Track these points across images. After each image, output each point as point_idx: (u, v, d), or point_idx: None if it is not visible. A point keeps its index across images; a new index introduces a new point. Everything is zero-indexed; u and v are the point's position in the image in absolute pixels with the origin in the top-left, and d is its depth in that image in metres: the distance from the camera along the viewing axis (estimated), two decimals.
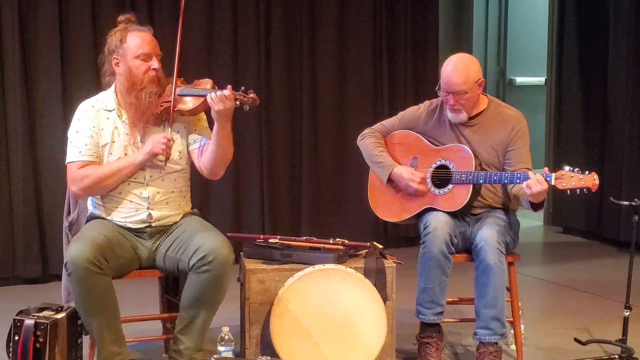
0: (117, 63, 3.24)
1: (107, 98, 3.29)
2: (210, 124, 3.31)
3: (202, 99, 3.21)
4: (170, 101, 3.21)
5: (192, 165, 3.38)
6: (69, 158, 3.24)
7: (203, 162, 3.29)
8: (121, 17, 3.30)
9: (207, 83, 3.28)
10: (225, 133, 3.21)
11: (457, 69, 3.44)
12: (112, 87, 3.30)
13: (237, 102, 3.18)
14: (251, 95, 3.21)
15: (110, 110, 3.26)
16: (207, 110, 3.23)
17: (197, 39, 5.27)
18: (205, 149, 3.29)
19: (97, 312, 3.07)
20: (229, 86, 3.18)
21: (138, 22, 3.30)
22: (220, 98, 3.13)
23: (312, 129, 5.75)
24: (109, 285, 3.08)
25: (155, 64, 3.23)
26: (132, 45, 3.21)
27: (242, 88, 3.22)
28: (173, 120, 3.24)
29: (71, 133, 3.26)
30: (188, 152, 3.33)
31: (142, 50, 3.21)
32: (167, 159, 3.19)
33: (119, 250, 3.17)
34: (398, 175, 3.57)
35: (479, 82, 3.47)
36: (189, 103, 3.24)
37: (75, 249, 3.03)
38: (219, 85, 3.26)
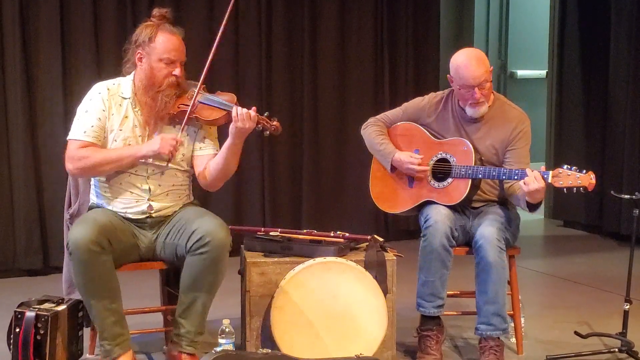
0: (141, 58, 3.22)
1: (124, 84, 3.28)
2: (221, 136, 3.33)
3: (224, 112, 3.21)
4: (189, 105, 3.21)
5: None
6: (71, 134, 3.21)
7: (205, 173, 3.30)
8: (156, 12, 3.26)
9: (232, 99, 3.27)
10: (236, 150, 3.23)
11: (477, 60, 3.44)
12: (132, 75, 3.29)
13: (259, 126, 3.21)
14: (275, 123, 3.24)
15: (125, 98, 3.25)
16: (226, 124, 3.23)
17: (198, 36, 5.25)
18: (208, 160, 3.31)
19: (99, 292, 3.08)
20: (254, 107, 3.19)
21: (171, 20, 3.26)
22: (244, 116, 3.14)
23: (313, 123, 5.74)
24: (110, 265, 3.09)
25: (177, 70, 3.22)
26: (160, 47, 3.19)
27: (266, 113, 3.25)
28: (187, 124, 3.23)
29: (80, 110, 3.24)
30: (192, 155, 3.34)
31: (168, 55, 3.19)
32: (169, 160, 3.19)
33: (121, 234, 3.18)
34: (399, 161, 3.56)
35: (492, 69, 3.50)
36: (211, 114, 3.23)
37: (78, 230, 3.04)
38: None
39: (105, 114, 3.21)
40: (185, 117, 3.21)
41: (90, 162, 3.17)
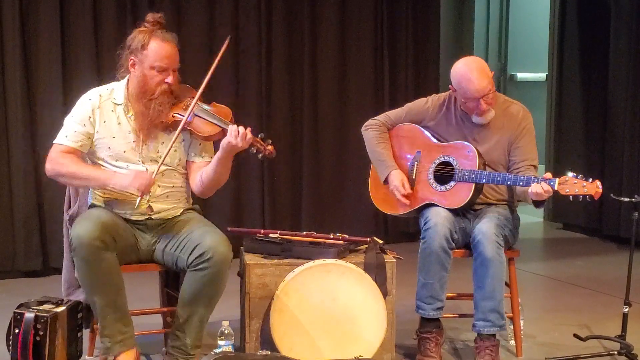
0: (133, 64, 3.20)
1: (117, 90, 3.26)
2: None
3: (219, 129, 3.19)
4: (184, 115, 3.19)
5: None
6: (57, 138, 3.22)
7: (197, 181, 3.29)
8: (150, 17, 3.23)
9: (227, 114, 3.25)
10: (226, 163, 3.21)
11: (479, 72, 3.42)
12: (125, 80, 3.27)
13: (253, 149, 3.19)
14: (269, 147, 3.22)
15: (118, 104, 3.24)
16: (219, 140, 3.21)
17: (198, 37, 5.26)
18: (202, 167, 3.29)
19: (101, 289, 3.08)
20: (249, 128, 3.16)
21: (165, 25, 3.24)
22: (239, 135, 3.11)
23: (313, 125, 5.74)
24: (114, 261, 3.08)
25: (170, 78, 3.19)
26: (152, 54, 3.16)
27: (261, 135, 3.22)
28: (180, 133, 3.21)
29: (68, 115, 3.24)
30: (187, 161, 3.33)
31: (160, 62, 3.16)
32: (141, 197, 3.13)
33: (123, 232, 3.18)
34: (390, 179, 3.58)
35: (492, 74, 3.49)
36: (205, 129, 3.21)
37: (81, 226, 3.04)
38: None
39: (91, 122, 3.19)
40: (179, 129, 3.18)
41: (63, 171, 3.16)
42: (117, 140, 3.22)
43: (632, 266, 3.55)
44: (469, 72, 3.43)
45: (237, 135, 3.11)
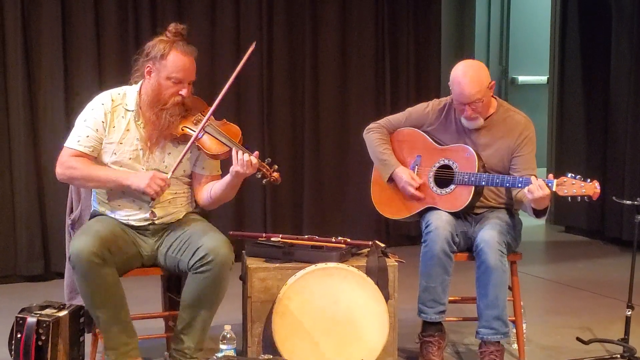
0: (150, 72, 3.19)
1: (129, 96, 3.25)
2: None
3: (226, 149, 3.19)
4: (194, 130, 3.18)
5: None
6: (67, 142, 3.20)
7: (205, 196, 3.30)
8: (172, 27, 3.21)
9: (237, 134, 3.24)
10: (234, 186, 3.23)
11: (469, 79, 3.40)
12: (137, 86, 3.26)
13: (259, 174, 3.19)
14: (275, 174, 3.22)
15: (129, 110, 3.23)
16: (226, 159, 3.21)
17: (199, 40, 5.25)
18: (207, 180, 3.30)
19: (102, 304, 3.08)
20: (256, 152, 3.17)
21: (186, 37, 3.22)
22: (244, 163, 3.12)
23: (314, 128, 5.75)
24: (113, 276, 3.08)
25: (184, 91, 3.18)
26: (170, 65, 3.15)
27: (268, 160, 3.23)
28: (188, 150, 3.20)
29: (79, 119, 3.22)
30: (192, 172, 3.33)
31: (176, 74, 3.16)
32: (153, 199, 3.15)
33: (123, 244, 3.17)
34: (399, 177, 3.57)
35: (490, 85, 3.45)
36: (213, 147, 3.20)
37: (79, 242, 3.03)
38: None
39: (104, 126, 3.18)
40: (189, 144, 3.17)
41: (76, 174, 3.15)
42: (124, 146, 3.21)
43: (635, 269, 3.55)
44: (462, 75, 3.42)
45: (243, 164, 3.12)
